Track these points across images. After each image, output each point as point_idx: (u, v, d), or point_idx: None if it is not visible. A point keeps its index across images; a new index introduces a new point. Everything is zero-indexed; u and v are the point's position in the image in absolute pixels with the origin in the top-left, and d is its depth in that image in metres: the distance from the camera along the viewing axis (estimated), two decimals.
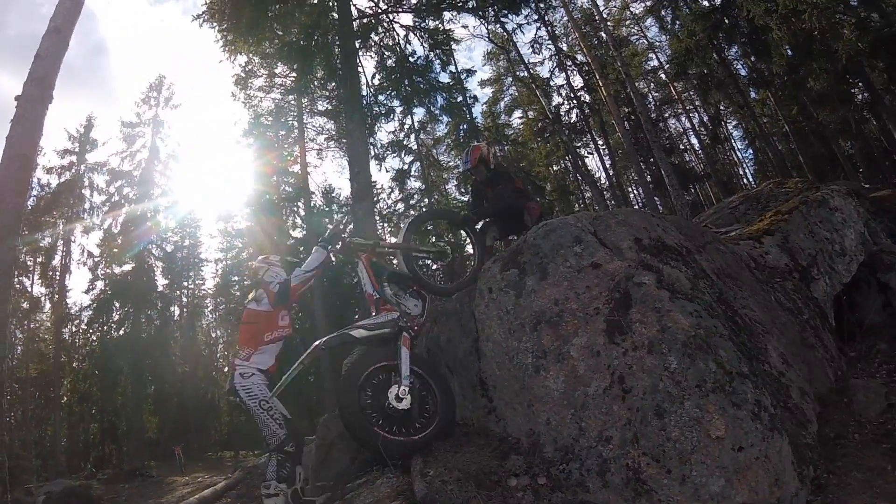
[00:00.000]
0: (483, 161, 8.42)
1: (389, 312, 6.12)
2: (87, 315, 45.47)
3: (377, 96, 23.52)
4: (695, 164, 44.72)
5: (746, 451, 3.70)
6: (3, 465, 9.44)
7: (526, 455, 4.60)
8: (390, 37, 21.90)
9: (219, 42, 19.44)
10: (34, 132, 11.45)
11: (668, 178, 27.39)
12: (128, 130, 45.77)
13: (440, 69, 24.47)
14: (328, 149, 35.67)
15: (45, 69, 11.68)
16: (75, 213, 44.43)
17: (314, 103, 30.22)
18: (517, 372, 4.87)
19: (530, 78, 38.12)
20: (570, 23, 36.09)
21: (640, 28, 41.69)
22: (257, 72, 27.18)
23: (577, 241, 5.08)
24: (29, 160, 11.69)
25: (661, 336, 4.16)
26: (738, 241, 7.41)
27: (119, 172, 45.05)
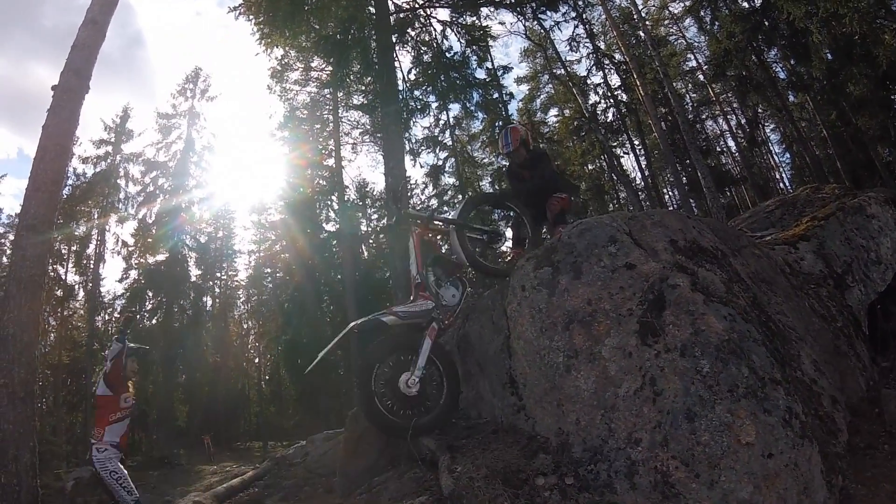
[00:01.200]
0: (524, 143, 8.16)
1: (426, 301, 6.11)
2: (121, 304, 45.94)
3: (413, 91, 23.53)
4: (731, 166, 44.34)
5: (776, 458, 3.66)
6: (33, 450, 9.52)
7: (554, 454, 4.57)
8: (427, 32, 21.91)
9: (255, 35, 19.54)
10: (70, 122, 11.54)
11: (705, 179, 27.16)
12: (163, 122, 46.15)
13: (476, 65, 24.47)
14: (363, 143, 35.77)
15: (82, 60, 11.77)
16: (110, 202, 44.87)
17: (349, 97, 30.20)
18: (548, 371, 4.85)
19: (567, 76, 37.89)
20: (608, 21, 35.83)
21: (679, 28, 41.37)
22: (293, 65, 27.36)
23: (612, 240, 5.05)
24: (65, 150, 11.79)
25: (694, 339, 4.13)
26: (773, 245, 7.33)
27: (154, 163, 45.42)
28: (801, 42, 29.63)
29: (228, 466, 28.58)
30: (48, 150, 10.98)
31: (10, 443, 9.28)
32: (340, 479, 7.18)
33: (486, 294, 6.82)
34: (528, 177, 8.14)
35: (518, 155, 8.21)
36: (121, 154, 45.65)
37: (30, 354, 9.97)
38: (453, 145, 36.27)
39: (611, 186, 43.50)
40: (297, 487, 14.31)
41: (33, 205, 10.58)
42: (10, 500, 9.08)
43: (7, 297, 10.34)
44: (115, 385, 7.70)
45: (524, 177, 8.21)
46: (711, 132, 45.44)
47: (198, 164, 45.90)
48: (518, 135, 8.18)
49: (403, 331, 5.81)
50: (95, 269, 44.71)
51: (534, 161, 8.22)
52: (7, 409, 9.43)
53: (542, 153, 8.66)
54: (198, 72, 47.77)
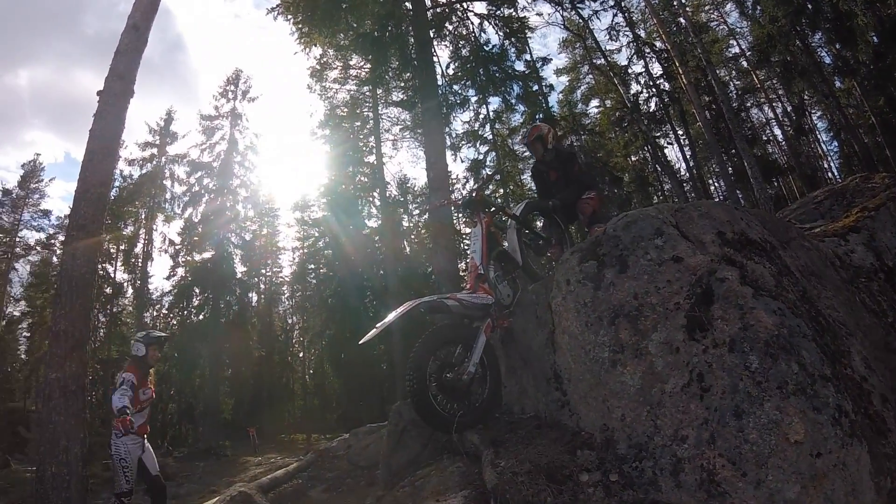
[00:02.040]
0: (540, 140, 8.32)
1: (487, 295, 6.10)
2: (168, 300, 47.25)
3: (452, 86, 23.60)
4: (778, 156, 43.83)
5: (824, 458, 3.57)
6: (83, 441, 9.73)
7: (598, 451, 4.52)
8: (464, 25, 21.91)
9: (294, 35, 19.77)
10: (116, 126, 11.75)
11: (751, 170, 26.88)
12: (206, 123, 47.23)
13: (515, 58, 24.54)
14: (403, 139, 35.97)
15: (126, 65, 11.95)
16: (157, 203, 45.92)
17: (389, 94, 30.41)
18: (593, 366, 4.79)
19: (608, 66, 37.72)
20: (648, 8, 35.64)
21: (720, 13, 41.08)
22: (332, 64, 27.52)
23: (659, 233, 4.97)
24: (112, 153, 12.01)
25: (742, 334, 4.04)
26: (822, 237, 7.19)
27: (199, 164, 46.38)
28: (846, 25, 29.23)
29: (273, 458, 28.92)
30: (95, 153, 11.20)
31: (62, 434, 9.50)
32: (383, 471, 7.20)
33: (530, 288, 6.76)
34: (554, 178, 8.25)
35: (534, 149, 8.45)
36: (166, 156, 46.81)
37: (81, 350, 10.17)
38: (494, 139, 36.27)
39: (655, 178, 43.24)
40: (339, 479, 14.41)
41: (82, 206, 10.80)
42: (61, 489, 9.31)
43: (58, 295, 10.61)
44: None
45: (551, 177, 8.29)
46: (757, 120, 45.02)
47: (241, 163, 46.82)
48: (537, 131, 8.42)
49: (456, 323, 5.80)
50: (143, 267, 45.80)
51: (561, 162, 8.35)
52: (59, 401, 9.66)
53: (569, 154, 8.74)
54: (238, 73, 48.76)
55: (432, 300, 5.67)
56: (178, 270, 45.63)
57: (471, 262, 6.50)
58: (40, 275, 47.20)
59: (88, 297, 10.75)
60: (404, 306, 5.41)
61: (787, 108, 42.05)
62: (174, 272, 45.82)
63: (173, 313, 47.79)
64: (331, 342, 45.09)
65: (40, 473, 9.57)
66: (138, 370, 8.31)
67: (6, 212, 44.72)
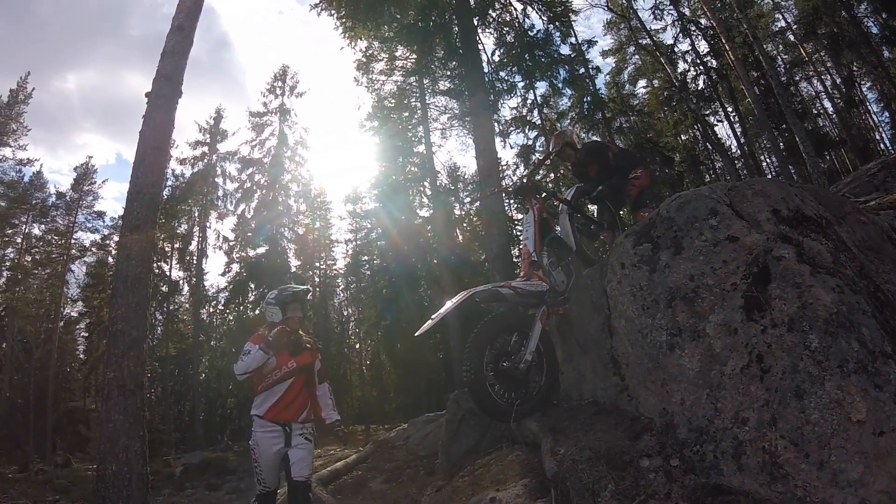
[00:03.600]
0: (568, 144, 8.32)
1: (541, 282, 6.13)
2: (224, 296, 47.85)
3: (498, 73, 23.65)
4: (829, 129, 43.12)
5: (888, 436, 3.48)
6: (143, 438, 9.88)
7: (658, 435, 4.51)
8: (508, 12, 21.89)
9: (338, 29, 19.94)
10: (166, 126, 11.90)
11: (803, 144, 26.49)
12: (256, 120, 47.62)
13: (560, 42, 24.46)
14: (451, 128, 35.81)
15: (172, 66, 12.10)
16: (209, 200, 46.50)
17: (435, 83, 30.31)
18: (650, 350, 4.77)
19: (653, 45, 37.48)
20: None
21: None
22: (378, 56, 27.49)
23: (713, 213, 4.91)
24: (162, 153, 12.17)
25: (801, 313, 3.98)
26: (877, 210, 7.07)
27: (249, 160, 46.83)
28: None
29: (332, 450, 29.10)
30: (146, 154, 11.36)
31: (122, 432, 9.65)
32: (442, 460, 7.25)
33: (584, 273, 6.75)
34: (594, 172, 8.23)
35: (566, 156, 8.47)
36: (217, 153, 47.33)
37: (138, 348, 10.32)
38: (542, 124, 36.18)
39: (706, 156, 42.78)
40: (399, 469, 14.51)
41: (135, 206, 10.96)
42: (122, 486, 9.46)
43: (115, 295, 10.78)
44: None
45: (591, 174, 8.29)
46: (806, 94, 44.32)
47: (291, 158, 47.16)
48: (560, 138, 8.38)
49: (512, 311, 5.80)
50: (198, 264, 46.55)
51: (594, 155, 8.38)
52: (118, 400, 9.81)
53: (597, 146, 8.86)
54: (285, 69, 49.12)
55: (487, 289, 5.68)
56: (233, 266, 46.28)
57: (524, 249, 6.50)
58: (96, 275, 47.98)
59: (144, 295, 10.91)
60: (459, 296, 5.42)
61: (837, 80, 41.36)
62: (229, 268, 46.52)
63: (229, 309, 48.50)
64: (386, 333, 45.34)
65: (100, 472, 9.74)
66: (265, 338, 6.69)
67: (60, 214, 45.55)
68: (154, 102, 11.78)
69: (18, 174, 42.47)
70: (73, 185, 46.96)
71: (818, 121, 43.30)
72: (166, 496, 18.61)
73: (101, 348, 40.79)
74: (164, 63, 12.09)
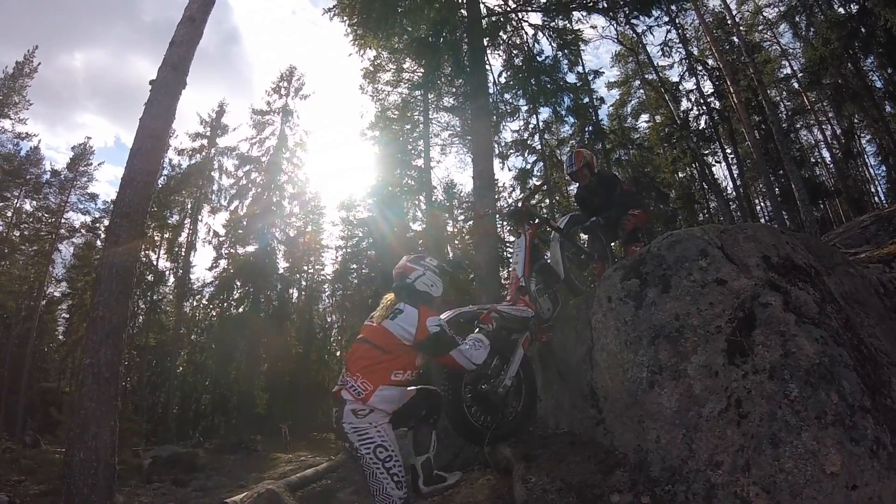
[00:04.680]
0: (588, 166, 8.36)
1: (527, 308, 6.11)
2: (209, 291, 47.83)
3: (503, 94, 23.79)
4: (825, 178, 43.33)
5: (860, 490, 3.51)
6: (113, 428, 9.80)
7: (631, 471, 4.51)
8: (518, 35, 21.93)
9: (349, 36, 19.90)
10: (167, 116, 11.89)
11: (798, 191, 26.67)
12: (258, 118, 47.79)
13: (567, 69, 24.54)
14: (451, 144, 36.01)
15: (180, 56, 12.09)
16: (203, 193, 46.55)
17: (440, 99, 30.44)
18: (630, 385, 4.79)
19: (659, 81, 37.60)
20: (702, 26, 35.63)
21: (773, 34, 40.75)
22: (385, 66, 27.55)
23: (703, 254, 4.94)
24: (161, 142, 12.15)
25: (783, 361, 4.01)
26: (867, 263, 7.11)
27: (247, 157, 46.90)
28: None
29: (303, 456, 29.11)
30: (145, 142, 11.33)
31: (93, 420, 9.58)
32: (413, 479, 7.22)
33: (571, 303, 6.76)
34: (597, 203, 8.25)
35: (582, 176, 8.48)
36: (215, 147, 47.39)
37: (117, 337, 10.24)
38: (542, 149, 36.37)
39: (701, 195, 42.99)
40: None
41: (128, 193, 10.92)
42: (88, 474, 9.38)
43: (99, 281, 10.73)
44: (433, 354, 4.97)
45: (594, 203, 8.30)
46: (806, 142, 44.54)
47: (290, 159, 47.34)
48: (582, 157, 8.41)
49: (494, 334, 5.74)
50: (186, 256, 46.55)
51: (603, 186, 8.38)
52: (92, 387, 9.72)
53: (611, 177, 8.84)
54: (292, 70, 49.25)
55: (472, 310, 5.67)
56: (221, 262, 46.28)
57: (512, 273, 6.50)
58: (83, 257, 47.74)
59: (129, 284, 10.83)
60: (444, 315, 5.32)
61: (837, 130, 41.61)
62: (217, 264, 46.49)
63: (213, 304, 48.37)
64: None
65: (68, 458, 9.67)
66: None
67: (53, 192, 45.29)
68: (157, 91, 11.76)
69: (16, 147, 42.23)
70: (68, 164, 46.71)
71: (815, 169, 43.53)
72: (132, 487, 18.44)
73: (80, 332, 40.68)
74: (172, 52, 12.08)
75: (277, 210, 45.93)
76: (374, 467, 4.46)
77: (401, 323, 4.68)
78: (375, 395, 4.55)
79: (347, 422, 4.54)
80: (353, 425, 4.53)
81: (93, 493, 9.36)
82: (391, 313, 4.78)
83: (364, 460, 4.49)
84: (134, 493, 17.47)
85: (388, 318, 4.76)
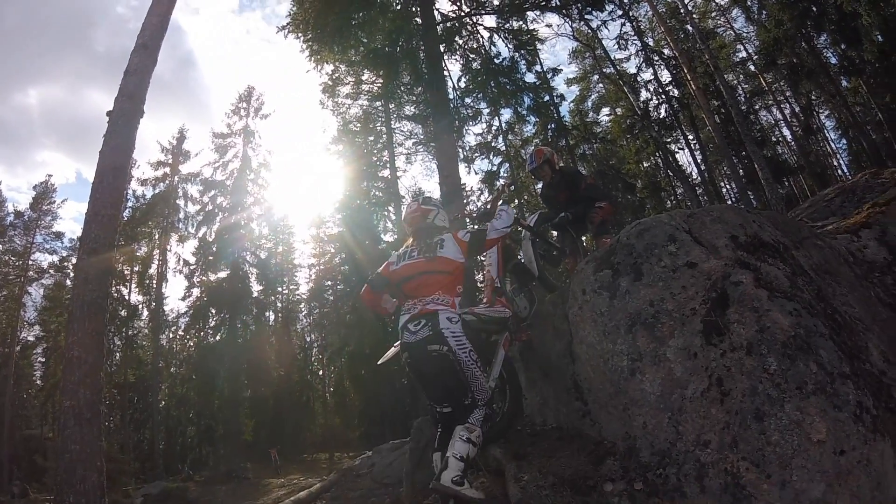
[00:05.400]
0: (547, 162, 8.42)
1: (504, 308, 6.08)
2: (184, 321, 47.37)
3: (464, 99, 23.87)
4: (788, 156, 43.86)
5: (848, 455, 3.58)
6: (101, 469, 9.68)
7: (622, 459, 4.54)
8: (475, 39, 22.05)
9: (305, 52, 19.91)
10: (127, 146, 11.76)
11: (762, 171, 26.88)
12: (219, 141, 47.24)
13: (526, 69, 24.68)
14: (416, 153, 36.04)
15: (135, 85, 11.98)
16: (170, 222, 46.11)
17: (401, 108, 30.48)
18: (612, 375, 4.81)
19: (617, 74, 37.98)
20: (656, 17, 35.82)
21: (727, 19, 41.31)
22: (344, 79, 27.56)
23: (672, 239, 4.99)
24: (122, 173, 11.99)
25: (760, 336, 4.06)
26: (834, 235, 7.19)
27: (212, 182, 46.46)
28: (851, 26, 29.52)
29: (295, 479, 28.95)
30: (106, 174, 11.19)
31: (78, 463, 9.44)
32: (406, 489, 7.22)
33: (546, 299, 6.79)
34: (564, 198, 8.27)
35: (543, 173, 8.55)
36: (178, 175, 46.97)
37: (95, 376, 10.11)
38: (507, 150, 36.43)
39: (667, 183, 43.31)
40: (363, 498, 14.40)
41: (93, 228, 10.78)
42: None
43: (71, 320, 10.57)
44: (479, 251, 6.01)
45: (560, 199, 8.33)
46: (766, 122, 45.16)
47: (255, 181, 46.79)
48: (542, 154, 8.52)
49: (474, 337, 5.75)
50: (158, 288, 45.94)
51: (567, 182, 8.41)
52: (74, 430, 9.59)
53: (574, 173, 8.94)
54: (251, 90, 48.76)
55: None
56: (194, 291, 45.61)
57: (487, 275, 6.50)
58: (54, 298, 47.32)
59: (101, 320, 10.70)
60: None
61: (796, 108, 42.14)
62: (189, 293, 45.77)
63: (190, 334, 47.90)
64: (350, 359, 45.13)
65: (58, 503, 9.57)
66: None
67: (18, 234, 44.95)
68: (115, 121, 11.64)
69: None
70: (31, 204, 46.30)
71: (777, 148, 43.98)
72: None
73: (58, 374, 40.17)
74: (127, 81, 11.97)
75: (246, 233, 45.43)
76: (472, 367, 5.00)
77: (449, 249, 5.48)
78: (456, 302, 5.32)
79: (445, 327, 5.05)
80: (450, 330, 5.06)
81: None
82: (438, 247, 5.51)
83: (463, 363, 4.97)
84: None
85: (440, 250, 5.48)
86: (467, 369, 4.97)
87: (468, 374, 4.98)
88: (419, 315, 5.25)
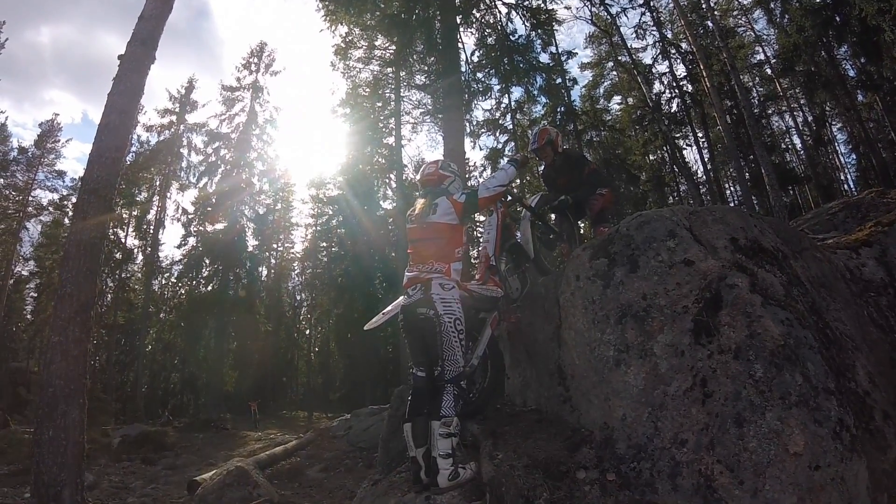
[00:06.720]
0: (550, 143, 8.29)
1: (496, 287, 6.09)
2: (178, 269, 47.56)
3: (475, 73, 23.64)
4: (796, 164, 43.68)
5: (823, 471, 3.57)
6: (82, 406, 9.71)
7: (597, 449, 4.51)
8: (492, 14, 21.89)
9: (320, 11, 19.76)
10: (135, 92, 11.74)
11: (768, 177, 26.80)
12: (227, 94, 47.20)
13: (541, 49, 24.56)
14: (423, 123, 35.68)
15: (149, 31, 11.94)
16: (172, 170, 46.09)
17: (412, 77, 30.22)
18: (597, 364, 4.80)
19: (632, 63, 37.68)
20: (676, 9, 35.53)
21: (748, 19, 40.98)
22: (357, 43, 27.36)
23: (671, 235, 4.96)
24: (129, 118, 11.99)
25: (749, 342, 4.05)
26: (834, 249, 7.16)
27: (217, 134, 46.38)
28: (873, 40, 29.21)
29: (273, 434, 29.10)
30: (113, 118, 11.18)
31: (60, 398, 9.48)
32: (381, 455, 7.20)
33: (539, 282, 6.76)
34: (564, 182, 8.17)
35: (545, 154, 8.40)
36: (184, 124, 46.84)
37: (85, 315, 10.13)
38: (514, 129, 36.23)
39: (671, 178, 43.18)
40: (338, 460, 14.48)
41: (96, 170, 10.78)
42: (57, 453, 9.29)
43: (66, 258, 10.60)
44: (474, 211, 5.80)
45: (560, 183, 8.23)
46: (777, 128, 44.94)
47: (260, 136, 46.76)
48: (546, 135, 8.35)
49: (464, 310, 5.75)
50: (155, 234, 46.01)
51: (570, 166, 8.30)
52: (60, 365, 9.61)
53: (578, 157, 8.76)
54: (263, 46, 48.71)
55: None
56: (190, 240, 45.80)
57: (482, 252, 6.48)
58: (51, 235, 47.36)
59: (96, 261, 10.73)
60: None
61: (808, 118, 41.90)
62: (185, 241, 46.03)
63: (182, 282, 48.02)
64: (338, 321, 45.32)
65: (37, 437, 9.59)
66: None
67: (21, 170, 44.84)
68: (126, 66, 11.61)
69: None
70: (36, 142, 46.25)
71: (786, 155, 43.85)
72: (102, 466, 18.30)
73: (48, 310, 40.10)
74: (141, 26, 11.92)
75: (247, 187, 45.35)
76: (451, 336, 5.08)
77: (441, 212, 5.49)
78: (451, 268, 5.37)
79: (435, 293, 5.20)
80: (440, 296, 5.19)
81: (62, 472, 9.29)
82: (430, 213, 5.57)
83: (444, 328, 5.08)
84: (103, 471, 17.35)
85: (432, 215, 5.53)
86: (445, 336, 5.08)
87: (444, 342, 5.08)
88: (414, 281, 5.45)
